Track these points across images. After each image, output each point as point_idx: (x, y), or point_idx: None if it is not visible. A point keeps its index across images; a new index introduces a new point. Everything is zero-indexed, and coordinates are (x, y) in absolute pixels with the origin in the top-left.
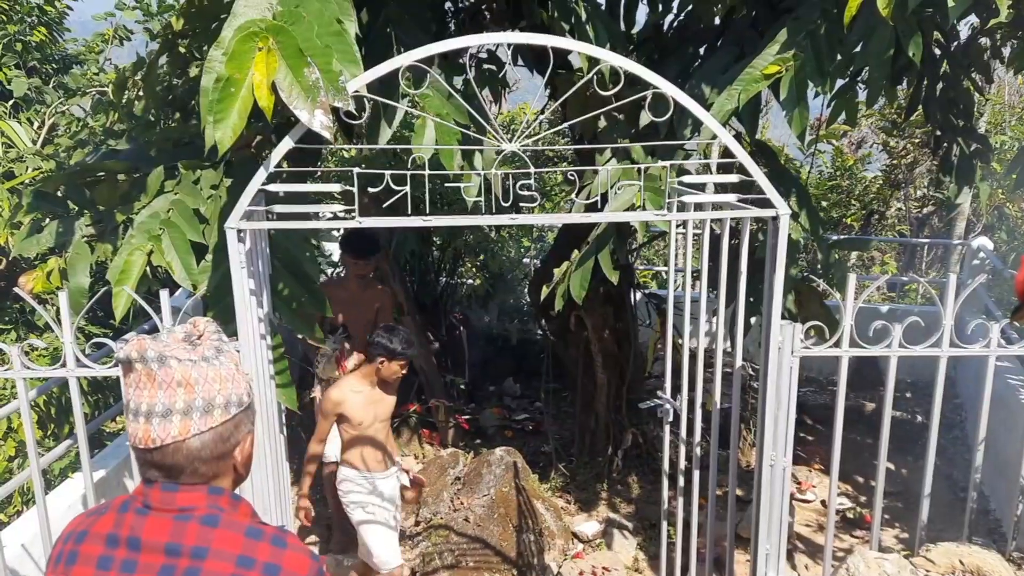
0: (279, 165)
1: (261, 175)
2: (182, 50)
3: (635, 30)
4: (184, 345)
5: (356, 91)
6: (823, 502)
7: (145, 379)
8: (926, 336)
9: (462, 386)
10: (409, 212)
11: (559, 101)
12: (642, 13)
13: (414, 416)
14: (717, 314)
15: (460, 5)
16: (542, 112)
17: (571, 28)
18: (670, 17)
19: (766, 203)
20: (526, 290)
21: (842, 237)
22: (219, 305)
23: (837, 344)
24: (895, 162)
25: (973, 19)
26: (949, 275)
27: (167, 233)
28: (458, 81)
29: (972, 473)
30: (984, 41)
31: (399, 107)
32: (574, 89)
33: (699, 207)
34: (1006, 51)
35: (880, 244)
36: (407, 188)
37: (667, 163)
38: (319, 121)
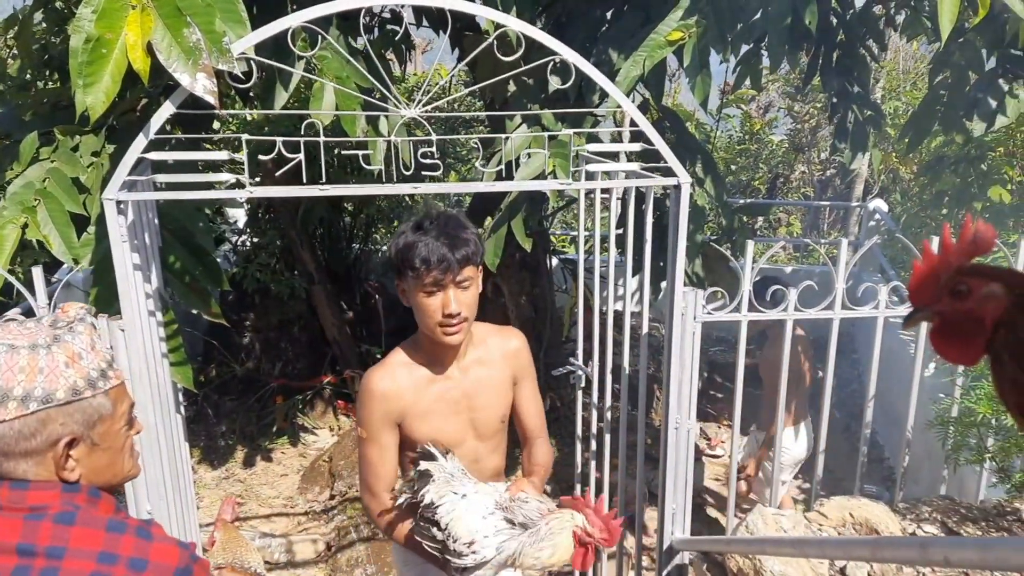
0: (168, 131)
1: (141, 142)
2: (59, 4)
3: None
4: (35, 330)
5: (243, 53)
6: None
7: None
8: (826, 293)
9: (378, 356)
10: (304, 181)
11: (464, 62)
12: None
13: (328, 388)
14: (626, 279)
15: None
16: (452, 73)
17: None
18: None
19: (671, 171)
20: None
21: (747, 201)
22: (105, 280)
23: (737, 309)
24: (799, 126)
25: None
26: (842, 241)
27: (43, 204)
28: (361, 44)
29: (863, 430)
30: (879, 9)
31: (294, 72)
32: (477, 51)
33: (607, 175)
34: (900, 19)
35: (785, 206)
36: (300, 156)
37: (573, 131)
38: (202, 85)
